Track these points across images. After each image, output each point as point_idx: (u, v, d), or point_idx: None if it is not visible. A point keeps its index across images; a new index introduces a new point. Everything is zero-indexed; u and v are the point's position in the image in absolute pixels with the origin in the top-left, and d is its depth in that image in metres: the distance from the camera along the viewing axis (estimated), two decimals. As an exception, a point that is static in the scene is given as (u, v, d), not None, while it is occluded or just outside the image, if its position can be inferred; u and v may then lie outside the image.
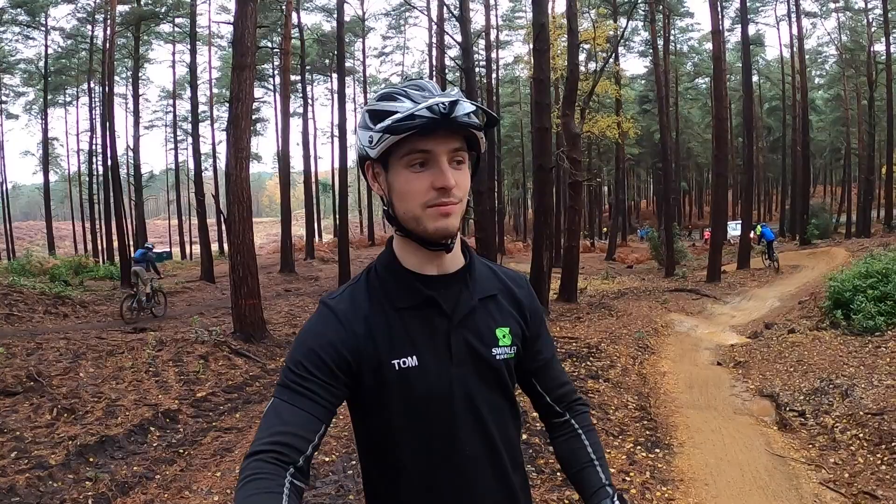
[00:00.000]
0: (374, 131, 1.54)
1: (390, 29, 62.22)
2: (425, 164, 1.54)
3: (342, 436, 7.03)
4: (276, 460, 1.40)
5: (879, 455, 6.38)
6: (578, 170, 18.45)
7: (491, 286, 1.77)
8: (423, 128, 1.48)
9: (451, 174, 1.54)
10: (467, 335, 1.66)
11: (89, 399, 8.32)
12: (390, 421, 1.62)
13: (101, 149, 36.90)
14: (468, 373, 1.65)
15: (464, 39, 19.14)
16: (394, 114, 1.49)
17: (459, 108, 1.48)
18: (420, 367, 1.60)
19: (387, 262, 1.70)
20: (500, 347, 1.70)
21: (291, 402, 1.50)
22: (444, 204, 1.54)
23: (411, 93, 1.53)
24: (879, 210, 47.44)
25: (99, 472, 6.12)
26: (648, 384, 10.15)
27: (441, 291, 1.65)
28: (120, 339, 11.99)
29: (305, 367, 1.53)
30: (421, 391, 1.60)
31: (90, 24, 40.76)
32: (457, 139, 1.55)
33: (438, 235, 1.57)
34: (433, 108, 1.46)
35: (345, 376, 1.57)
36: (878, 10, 42.83)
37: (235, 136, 12.93)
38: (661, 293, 21.86)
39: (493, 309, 1.74)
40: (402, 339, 1.61)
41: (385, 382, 1.59)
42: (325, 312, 1.64)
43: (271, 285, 26.35)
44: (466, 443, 1.64)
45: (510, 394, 1.76)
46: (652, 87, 51.37)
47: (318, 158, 56.42)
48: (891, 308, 11.16)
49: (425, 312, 1.64)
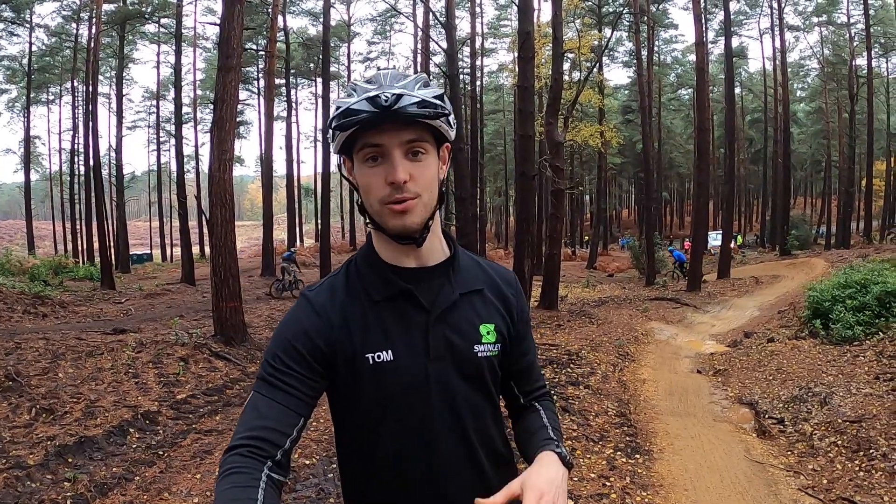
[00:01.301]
0: (330, 128, 1.55)
1: (376, 34, 62.12)
2: (380, 157, 1.52)
3: (322, 439, 7.04)
4: (253, 454, 1.40)
5: (857, 462, 6.45)
6: (561, 178, 18.51)
7: (476, 280, 1.73)
8: (365, 122, 1.47)
9: (405, 167, 1.51)
10: (447, 330, 1.63)
11: (68, 399, 8.28)
12: (365, 414, 1.61)
13: (83, 148, 36.57)
14: (446, 368, 1.62)
15: (449, 46, 19.24)
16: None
17: (406, 98, 1.46)
18: (394, 362, 1.57)
19: (366, 254, 1.69)
20: (482, 344, 1.67)
21: (269, 396, 1.50)
22: (397, 201, 1.51)
23: (360, 87, 1.51)
24: (859, 222, 47.97)
25: (77, 473, 6.09)
26: (628, 391, 10.20)
27: (419, 284, 1.63)
28: (99, 340, 11.91)
29: (282, 360, 1.53)
30: (394, 386, 1.58)
31: (75, 23, 40.59)
32: (411, 131, 1.51)
33: (397, 233, 1.56)
34: (376, 101, 1.44)
35: (321, 368, 1.56)
36: (860, 25, 43.41)
37: (219, 138, 12.88)
38: (642, 301, 21.94)
39: (477, 304, 1.70)
40: (376, 333, 1.59)
41: (359, 375, 1.58)
42: (303, 304, 1.63)
43: (252, 289, 26.27)
44: (442, 439, 1.62)
45: (491, 392, 1.72)
46: (635, 98, 51.67)
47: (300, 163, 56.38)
48: (869, 318, 11.28)
49: (402, 306, 1.61)
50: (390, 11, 51.74)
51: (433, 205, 1.60)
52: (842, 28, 48.43)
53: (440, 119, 1.53)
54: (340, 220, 69.53)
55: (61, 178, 53.56)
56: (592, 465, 6.48)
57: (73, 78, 43.13)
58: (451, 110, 1.57)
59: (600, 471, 6.35)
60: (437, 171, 1.61)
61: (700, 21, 28.84)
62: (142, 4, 37.54)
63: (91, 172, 31.59)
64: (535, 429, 1.78)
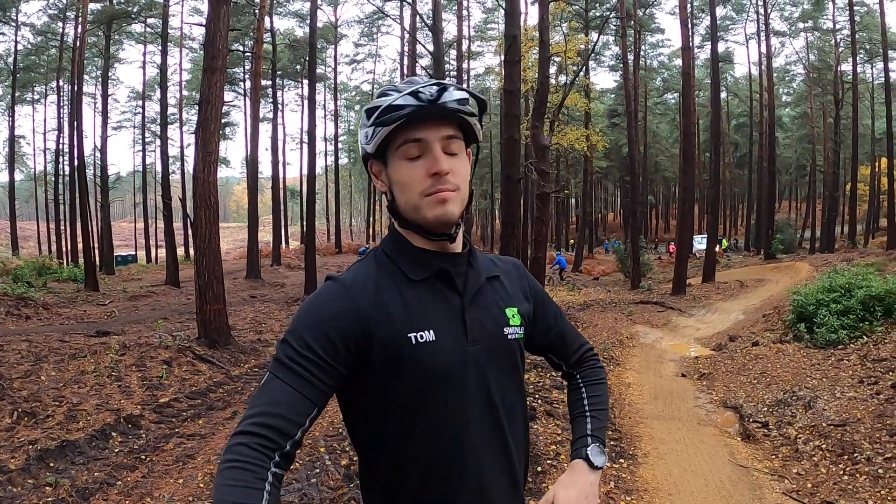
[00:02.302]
0: (368, 126, 1.56)
1: (363, 36, 62.29)
2: (420, 153, 1.54)
3: (306, 443, 6.98)
4: (262, 446, 1.35)
5: (842, 465, 6.47)
6: (546, 181, 18.50)
7: (492, 268, 1.77)
8: (412, 116, 1.49)
9: (445, 160, 1.54)
10: (480, 313, 1.64)
11: (50, 403, 8.21)
12: (398, 400, 1.56)
13: (68, 148, 36.41)
14: (482, 351, 1.61)
15: (436, 49, 19.24)
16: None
17: (448, 93, 1.50)
18: (437, 343, 1.55)
19: (394, 241, 1.67)
20: (511, 327, 1.69)
21: (286, 381, 1.44)
22: (440, 191, 1.54)
23: (400, 86, 1.54)
24: (843, 226, 48.36)
25: (59, 478, 6.04)
26: (613, 395, 10.21)
27: (453, 267, 1.64)
28: (83, 342, 11.84)
29: (307, 344, 1.47)
30: (437, 366, 1.55)
31: (61, 21, 40.37)
32: (449, 126, 1.56)
33: (438, 223, 1.57)
34: (420, 95, 1.48)
35: (349, 355, 1.51)
36: (845, 31, 43.77)
37: (204, 139, 12.83)
38: (627, 305, 21.99)
39: (499, 288, 1.73)
40: (418, 313, 1.57)
41: (399, 357, 1.53)
42: (333, 286, 1.59)
43: (237, 291, 26.19)
44: (477, 426, 1.61)
45: (520, 377, 1.75)
46: (621, 102, 51.72)
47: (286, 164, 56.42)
48: (853, 322, 11.34)
49: (438, 287, 1.62)
50: (377, 13, 51.96)
51: (466, 200, 1.64)
52: (827, 34, 48.77)
53: (475, 118, 1.59)
54: (326, 223, 69.39)
55: (46, 179, 53.25)
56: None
57: (59, 77, 42.84)
58: (486, 108, 1.65)
59: (585, 475, 6.33)
60: (468, 169, 1.66)
61: (687, 26, 28.96)
62: (128, 4, 37.37)
63: (76, 173, 31.38)
64: (574, 414, 1.89)
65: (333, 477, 6.13)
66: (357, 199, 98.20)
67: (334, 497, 5.71)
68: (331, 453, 6.67)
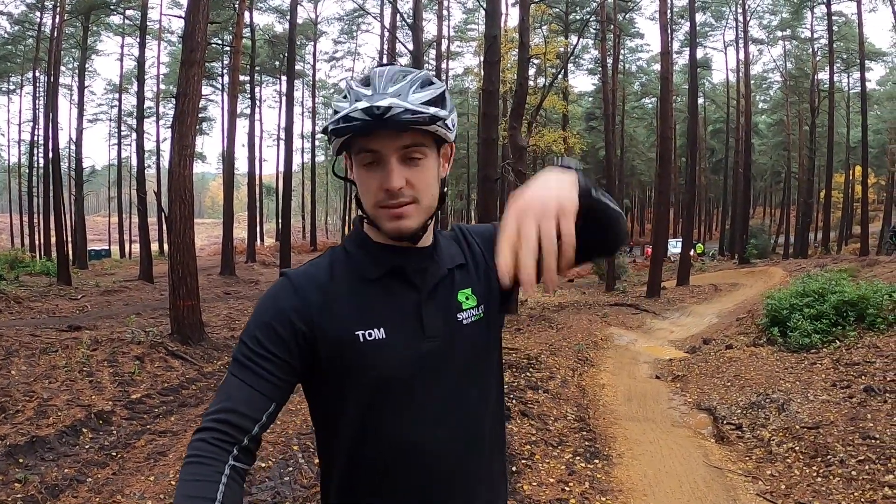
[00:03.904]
0: (325, 132, 1.50)
1: (342, 34, 62.15)
2: (376, 163, 1.48)
3: (279, 441, 6.95)
4: (220, 440, 1.37)
5: (815, 468, 6.52)
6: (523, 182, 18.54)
7: (456, 254, 1.69)
8: (360, 130, 1.42)
9: (401, 174, 1.46)
10: (437, 308, 1.59)
11: (20, 398, 8.11)
12: (348, 397, 1.53)
13: (42, 140, 36.04)
14: (439, 347, 1.56)
15: (415, 48, 19.26)
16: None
17: (395, 109, 1.39)
18: (387, 341, 1.52)
19: (355, 236, 1.64)
20: (464, 311, 1.62)
21: (240, 378, 1.45)
22: (392, 206, 1.48)
23: (354, 90, 1.46)
24: (817, 232, 48.86)
25: (29, 474, 5.95)
26: (588, 396, 10.25)
27: (409, 264, 1.58)
28: (54, 337, 11.71)
29: (258, 341, 1.47)
30: (386, 365, 1.51)
31: (39, 11, 39.81)
32: (408, 136, 1.46)
33: (393, 236, 1.52)
34: (369, 110, 1.39)
35: (300, 349, 1.49)
36: (823, 41, 44.28)
37: (180, 133, 12.73)
38: (602, 307, 22.07)
39: (458, 277, 1.65)
40: (370, 310, 1.53)
41: (347, 355, 1.50)
42: (283, 282, 1.58)
43: (211, 287, 26.04)
44: (435, 425, 1.55)
45: (489, 363, 1.68)
46: (599, 105, 51.96)
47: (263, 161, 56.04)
48: (826, 326, 11.45)
49: (393, 284, 1.57)
50: (358, 11, 51.86)
51: (433, 207, 1.56)
52: (805, 43, 49.31)
53: (437, 123, 1.46)
54: (301, 220, 69.19)
55: (20, 171, 52.69)
56: (551, 470, 6.48)
57: (35, 68, 42.36)
58: (451, 110, 1.52)
59: (559, 475, 6.35)
60: (438, 171, 1.57)
61: (666, 31, 29.11)
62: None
63: (50, 165, 31.12)
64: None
65: (307, 475, 6.10)
66: (333, 197, 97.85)
67: (307, 495, 5.68)
68: (304, 451, 6.63)
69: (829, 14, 40.11)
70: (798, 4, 45.36)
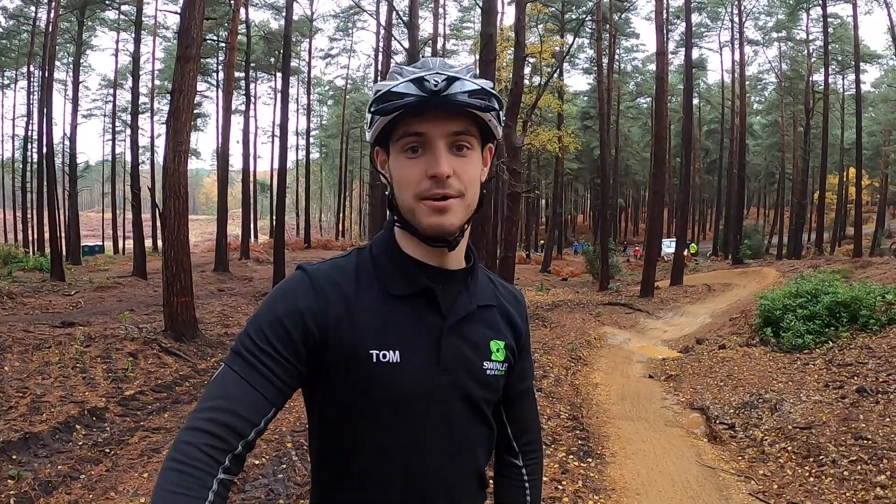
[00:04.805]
0: (368, 112, 1.41)
1: (338, 31, 62.05)
2: (421, 148, 1.38)
3: (272, 439, 6.95)
4: (212, 447, 1.24)
5: (808, 467, 6.57)
6: (517, 181, 18.54)
7: (490, 295, 1.60)
8: (411, 107, 1.32)
9: (448, 161, 1.37)
10: (460, 342, 1.48)
11: (14, 394, 8.09)
12: (352, 415, 1.44)
13: (36, 135, 35.87)
14: (454, 383, 1.46)
15: (411, 46, 19.21)
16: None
17: (457, 84, 1.31)
18: (401, 366, 1.41)
19: (385, 243, 1.52)
20: (492, 362, 1.53)
21: (243, 377, 1.32)
22: (436, 197, 1.37)
23: (406, 69, 1.37)
24: (810, 233, 49.03)
25: (22, 471, 5.94)
26: (581, 395, 10.27)
27: (440, 287, 1.47)
28: (48, 333, 11.67)
29: (266, 338, 1.35)
30: (395, 392, 1.42)
31: (34, 5, 39.66)
32: (459, 122, 1.37)
33: (432, 233, 1.41)
34: (423, 85, 1.30)
35: (308, 353, 1.39)
36: (818, 42, 44.23)
37: (175, 129, 12.68)
38: (595, 306, 22.12)
39: (490, 319, 1.56)
40: (388, 329, 1.42)
41: (356, 371, 1.41)
42: (301, 278, 1.45)
43: (205, 284, 25.95)
44: (433, 457, 1.46)
45: (489, 416, 1.58)
46: (594, 104, 52.04)
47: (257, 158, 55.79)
48: (819, 327, 11.53)
49: (419, 306, 1.46)
50: (354, 8, 51.74)
51: (473, 207, 1.48)
52: (800, 44, 49.35)
53: (491, 112, 1.39)
54: (296, 217, 69.09)
55: (13, 166, 52.52)
56: (545, 469, 6.45)
57: (30, 62, 42.19)
58: (503, 105, 1.44)
59: (552, 474, 6.36)
60: (480, 171, 1.48)
61: (662, 31, 29.17)
62: (103, -11, 36.89)
63: (44, 160, 30.94)
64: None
65: (300, 473, 6.10)
66: (327, 195, 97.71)
67: (301, 493, 5.69)
68: (297, 449, 6.64)
69: (825, 16, 40.12)
70: (794, 6, 45.37)
